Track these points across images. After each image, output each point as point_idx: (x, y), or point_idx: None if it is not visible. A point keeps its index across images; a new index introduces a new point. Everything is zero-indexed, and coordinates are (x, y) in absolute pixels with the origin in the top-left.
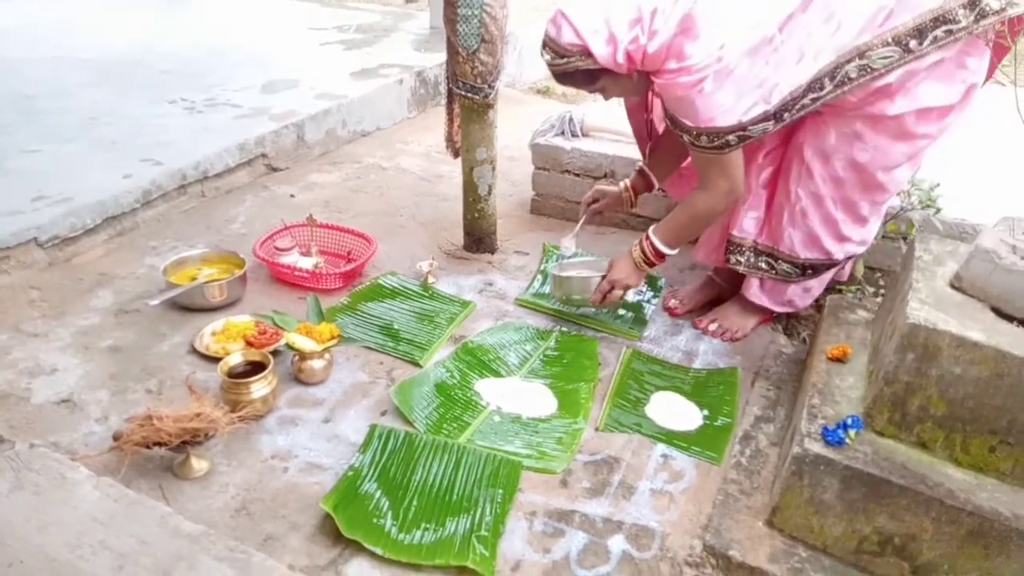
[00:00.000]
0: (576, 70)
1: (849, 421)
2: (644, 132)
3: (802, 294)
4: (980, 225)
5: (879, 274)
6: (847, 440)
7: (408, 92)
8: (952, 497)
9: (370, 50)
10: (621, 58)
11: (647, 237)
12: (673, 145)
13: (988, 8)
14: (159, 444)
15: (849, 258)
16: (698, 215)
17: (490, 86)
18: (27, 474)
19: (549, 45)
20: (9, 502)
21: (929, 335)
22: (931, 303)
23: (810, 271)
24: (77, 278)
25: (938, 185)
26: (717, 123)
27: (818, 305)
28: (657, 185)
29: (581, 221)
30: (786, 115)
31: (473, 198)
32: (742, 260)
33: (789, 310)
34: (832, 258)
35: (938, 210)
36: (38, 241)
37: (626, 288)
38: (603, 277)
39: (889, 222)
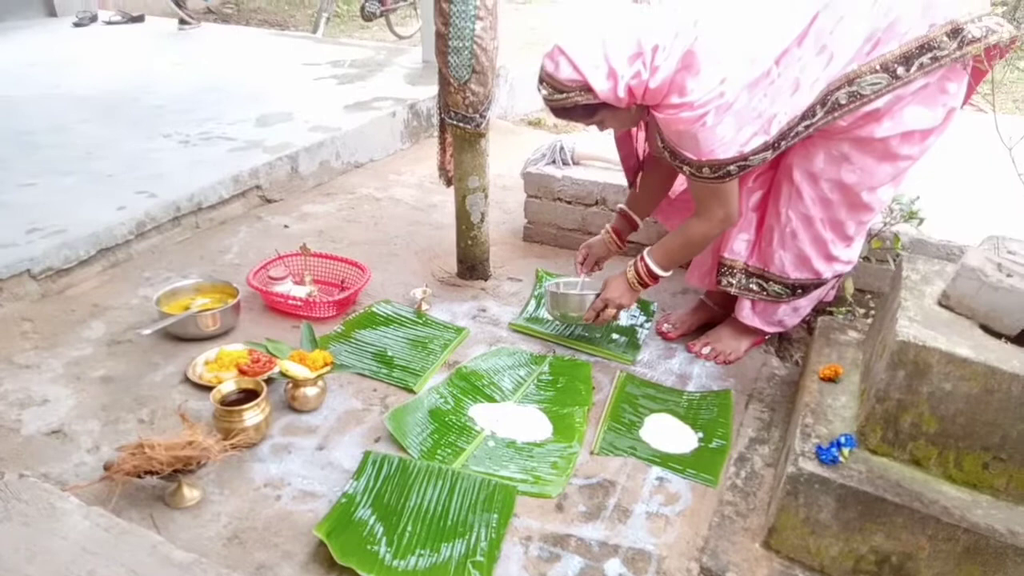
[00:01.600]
0: (575, 105)
1: (843, 440)
2: (632, 161)
3: (792, 314)
4: (965, 245)
5: (869, 296)
6: (841, 458)
7: (401, 124)
8: (947, 514)
9: (364, 84)
10: (622, 92)
11: (642, 259)
12: (655, 180)
13: (969, 36)
14: (151, 473)
15: (837, 277)
16: (693, 240)
17: (481, 115)
18: (16, 504)
19: (547, 80)
20: None
21: (919, 352)
22: (920, 321)
23: (800, 291)
24: (70, 309)
25: (918, 198)
26: (718, 155)
27: (809, 327)
28: (640, 224)
29: (582, 279)
30: (783, 143)
31: (466, 226)
32: (733, 282)
33: (779, 330)
34: (821, 277)
35: (921, 221)
36: (31, 273)
37: (619, 307)
38: (597, 295)
39: (873, 239)
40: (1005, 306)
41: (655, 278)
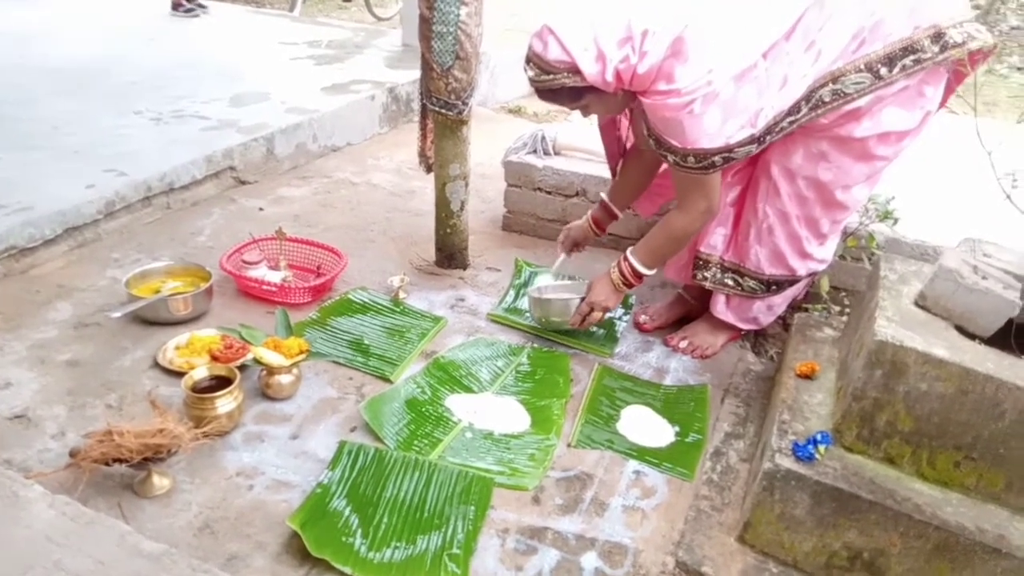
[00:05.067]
0: (562, 87)
1: (819, 437)
2: (615, 149)
3: (766, 311)
4: (939, 246)
5: (844, 294)
6: (817, 456)
7: (380, 108)
8: (919, 512)
9: (341, 66)
10: (610, 76)
11: (625, 259)
12: (637, 172)
13: (951, 41)
14: (119, 460)
15: (811, 275)
16: (675, 234)
17: (464, 102)
18: None
19: (534, 61)
20: None
21: (896, 352)
22: (898, 321)
23: (774, 287)
24: (34, 290)
25: (893, 198)
26: (704, 145)
27: (785, 324)
28: (620, 215)
29: (559, 261)
30: (768, 137)
31: (445, 214)
32: (708, 276)
33: (754, 327)
34: (795, 275)
35: (895, 221)
36: None
37: (605, 310)
38: (582, 299)
39: (849, 237)
40: (980, 308)
41: (640, 277)
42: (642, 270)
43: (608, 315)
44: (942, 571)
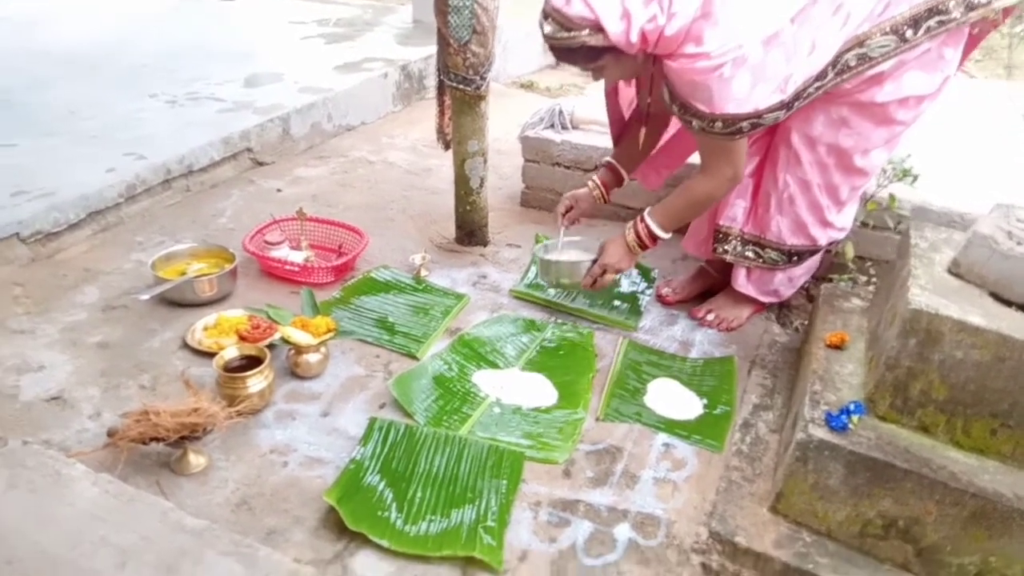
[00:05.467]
0: (581, 46)
1: (852, 407)
2: (618, 116)
3: (787, 284)
4: (967, 213)
5: (869, 263)
6: (850, 425)
7: (393, 86)
8: (955, 480)
9: (352, 44)
10: (635, 37)
11: (642, 219)
12: (644, 137)
13: (977, 1)
14: (156, 440)
15: (831, 244)
16: (697, 199)
17: (482, 77)
18: (21, 471)
19: (553, 16)
20: (4, 500)
21: (931, 320)
22: (931, 289)
23: (796, 258)
24: (61, 274)
25: (909, 155)
26: (731, 110)
27: (809, 295)
28: (627, 178)
29: (561, 232)
30: (796, 103)
31: (465, 191)
32: (729, 249)
33: (775, 300)
34: (816, 244)
35: (914, 179)
36: (20, 236)
37: (617, 272)
38: (593, 261)
39: (868, 201)
40: (1016, 274)
41: (655, 240)
42: (659, 232)
43: (631, 288)
44: (979, 538)
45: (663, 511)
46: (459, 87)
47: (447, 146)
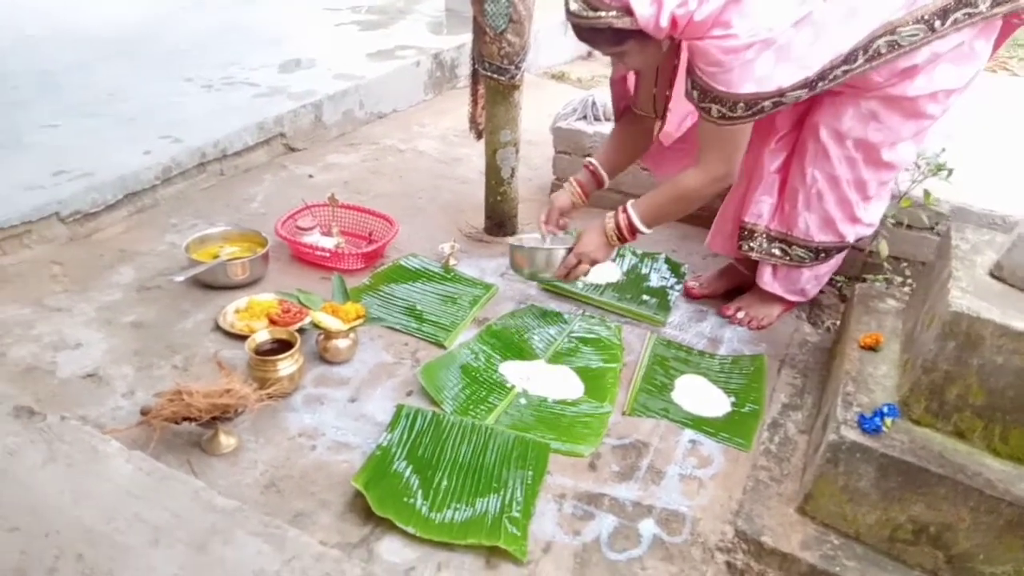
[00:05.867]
0: (607, 27)
1: (886, 409)
2: (621, 106)
3: (813, 282)
4: (1010, 216)
5: (905, 264)
6: (883, 428)
7: (425, 74)
8: (991, 487)
9: (386, 31)
10: (665, 22)
11: (624, 210)
12: (630, 138)
13: None
14: (188, 419)
15: (859, 240)
16: (684, 194)
17: (517, 67)
18: (60, 446)
19: None
20: (43, 474)
21: (972, 324)
22: (972, 292)
23: (823, 255)
24: (98, 254)
25: (943, 150)
26: (751, 89)
27: (842, 294)
28: (607, 182)
29: (548, 239)
30: (820, 84)
31: (496, 181)
32: (755, 247)
33: (801, 299)
34: (844, 241)
35: (949, 172)
36: (60, 216)
37: (593, 262)
38: (568, 250)
39: (903, 198)
40: None
41: (635, 233)
42: (640, 226)
43: (660, 283)
44: (1013, 548)
45: (688, 508)
46: (493, 76)
47: (479, 135)
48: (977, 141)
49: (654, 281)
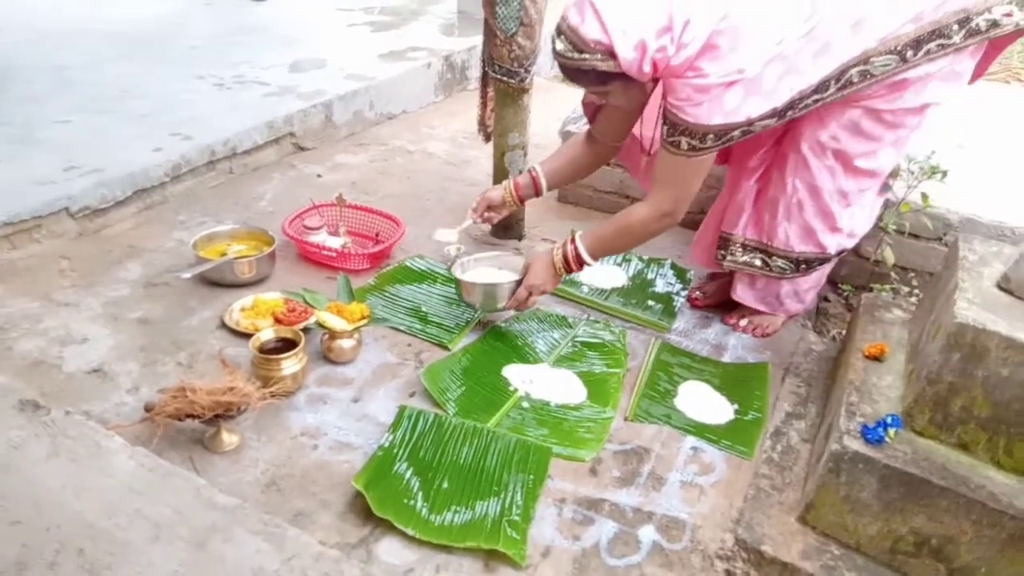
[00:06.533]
0: (592, 69)
1: (889, 420)
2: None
3: (794, 297)
4: (1019, 228)
5: (912, 274)
6: (887, 439)
7: (435, 76)
8: (994, 500)
9: (398, 32)
10: (648, 67)
11: (572, 241)
12: (581, 159)
13: (977, 27)
14: (191, 416)
15: (841, 252)
16: (630, 228)
17: (527, 70)
18: (63, 441)
19: (567, 34)
20: (46, 468)
21: (977, 335)
22: (979, 303)
23: (804, 266)
24: (107, 249)
25: (934, 152)
26: (720, 121)
27: (848, 304)
28: (544, 192)
29: (465, 224)
30: (790, 112)
31: None
32: (733, 257)
33: (781, 313)
34: (825, 251)
35: (944, 174)
36: (69, 211)
37: (542, 293)
38: (518, 282)
39: (902, 203)
40: None
41: (581, 264)
42: (587, 258)
43: (666, 289)
44: (1016, 562)
45: (689, 515)
46: (503, 79)
47: (488, 138)
48: (989, 152)
49: (659, 287)
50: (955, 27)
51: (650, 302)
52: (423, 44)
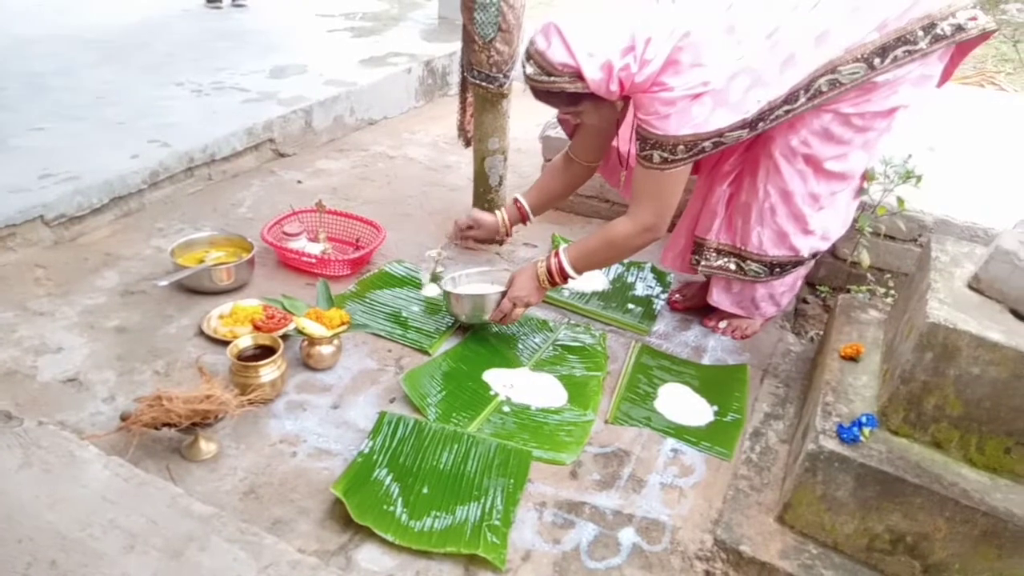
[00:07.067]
0: (561, 91)
1: (864, 419)
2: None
3: (769, 301)
4: (992, 228)
5: (888, 275)
6: (862, 438)
7: (416, 82)
8: (967, 497)
9: (378, 38)
10: (615, 86)
11: (557, 254)
12: (559, 182)
13: (942, 33)
14: (168, 425)
15: (814, 254)
16: (613, 242)
17: (505, 75)
18: (36, 451)
19: (535, 59)
20: (18, 479)
21: (948, 335)
22: (950, 303)
23: (778, 269)
24: (83, 258)
25: (910, 156)
26: (689, 131)
27: (825, 305)
28: (532, 219)
29: (477, 276)
30: (761, 124)
31: (484, 188)
32: (707, 262)
33: (757, 316)
34: (799, 254)
35: (919, 179)
36: (44, 219)
37: (526, 306)
38: (502, 294)
39: (877, 207)
40: None
41: (566, 278)
42: (570, 271)
43: (646, 292)
44: (988, 557)
45: (669, 517)
46: (482, 85)
47: (468, 143)
48: (962, 155)
49: (640, 290)
50: (920, 33)
51: (630, 305)
52: (404, 50)
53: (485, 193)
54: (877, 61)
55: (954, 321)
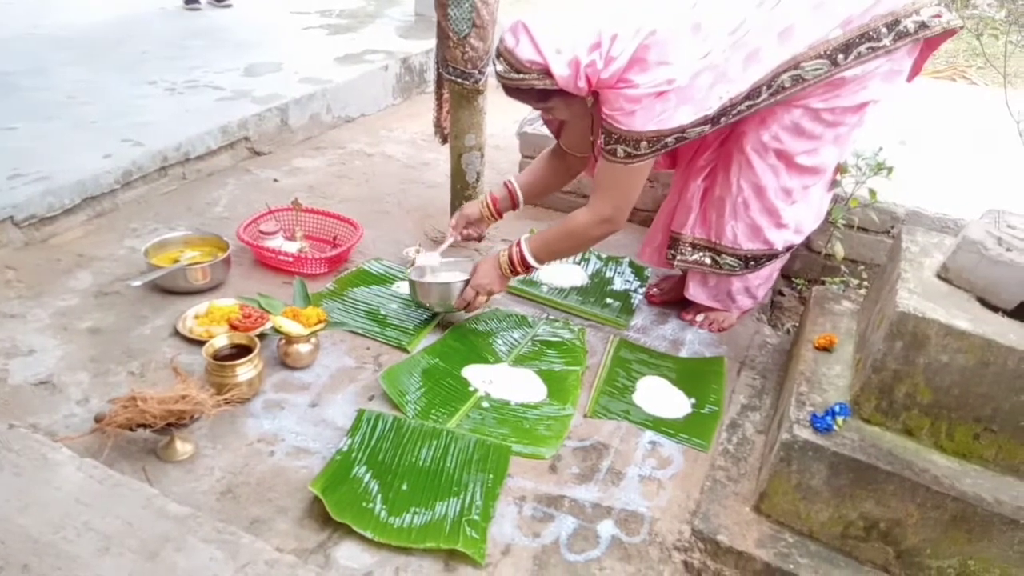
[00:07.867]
0: (531, 88)
1: (837, 408)
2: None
3: (745, 294)
4: (962, 219)
5: (862, 267)
6: (835, 427)
7: (393, 79)
8: (937, 483)
9: (354, 35)
10: (582, 82)
11: (518, 244)
12: (551, 172)
13: (905, 30)
14: (143, 426)
15: (789, 247)
16: (572, 232)
17: (480, 72)
18: (7, 455)
19: (505, 56)
20: None
21: (917, 324)
22: (919, 293)
23: (752, 263)
24: (55, 259)
25: (881, 149)
26: (653, 128)
27: (801, 297)
28: (521, 205)
29: (447, 243)
30: (723, 119)
31: (461, 185)
32: (683, 256)
33: (735, 309)
34: (773, 248)
35: (890, 171)
36: (14, 220)
37: (490, 294)
38: (466, 283)
39: (850, 199)
40: (1004, 280)
41: (528, 267)
42: (531, 261)
43: (624, 287)
44: (959, 541)
45: (647, 508)
46: (457, 81)
47: (444, 140)
48: (933, 147)
49: (618, 285)
50: (884, 30)
51: (608, 300)
52: (380, 47)
53: (463, 190)
54: (840, 57)
55: (923, 310)
